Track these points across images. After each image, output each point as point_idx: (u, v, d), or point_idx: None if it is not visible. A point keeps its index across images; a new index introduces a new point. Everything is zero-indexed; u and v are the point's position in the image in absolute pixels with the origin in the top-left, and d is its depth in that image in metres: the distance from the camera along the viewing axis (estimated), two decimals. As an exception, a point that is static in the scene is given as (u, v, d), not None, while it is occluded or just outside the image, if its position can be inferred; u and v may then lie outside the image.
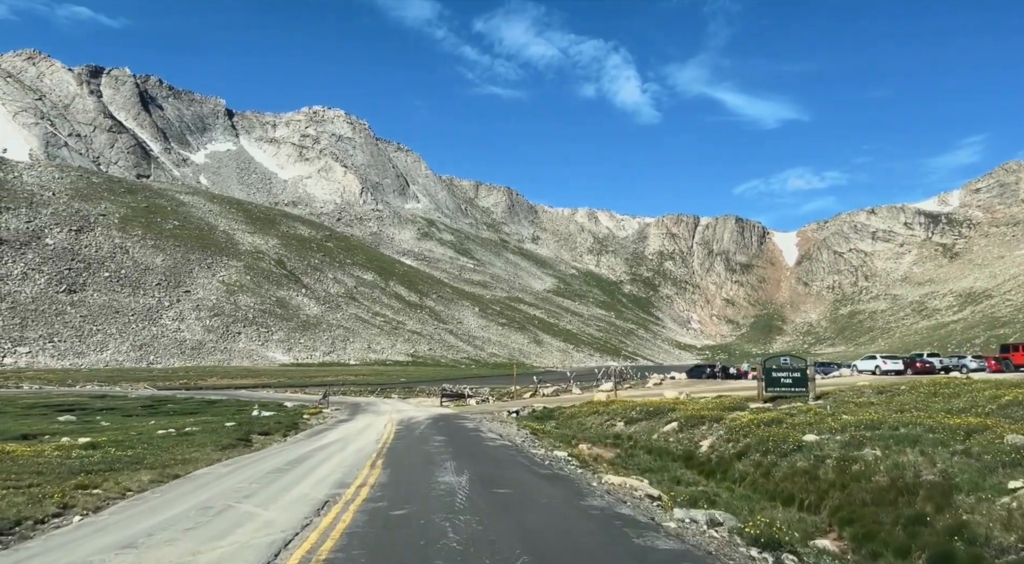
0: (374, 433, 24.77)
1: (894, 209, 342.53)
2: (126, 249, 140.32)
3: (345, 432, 26.11)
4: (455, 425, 28.77)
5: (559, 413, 31.93)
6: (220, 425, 26.37)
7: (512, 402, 44.95)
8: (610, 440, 22.46)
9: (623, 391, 41.47)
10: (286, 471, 15.22)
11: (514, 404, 40.82)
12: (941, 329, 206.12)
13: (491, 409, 39.24)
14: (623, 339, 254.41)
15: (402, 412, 38.37)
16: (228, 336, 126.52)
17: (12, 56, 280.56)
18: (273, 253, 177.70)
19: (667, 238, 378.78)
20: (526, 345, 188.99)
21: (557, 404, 35.99)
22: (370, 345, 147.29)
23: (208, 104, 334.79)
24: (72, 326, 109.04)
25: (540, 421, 29.87)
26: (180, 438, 21.12)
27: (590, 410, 29.89)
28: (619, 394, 36.29)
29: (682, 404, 25.72)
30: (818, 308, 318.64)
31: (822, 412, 19.11)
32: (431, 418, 32.85)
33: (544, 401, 41.18)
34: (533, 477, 14.37)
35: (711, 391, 33.78)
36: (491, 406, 43.16)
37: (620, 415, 26.72)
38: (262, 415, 32.08)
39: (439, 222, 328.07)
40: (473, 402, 47.44)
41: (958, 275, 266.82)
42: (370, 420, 32.52)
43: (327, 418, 34.38)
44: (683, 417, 22.04)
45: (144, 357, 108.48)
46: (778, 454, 15.44)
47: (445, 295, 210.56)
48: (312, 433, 26.22)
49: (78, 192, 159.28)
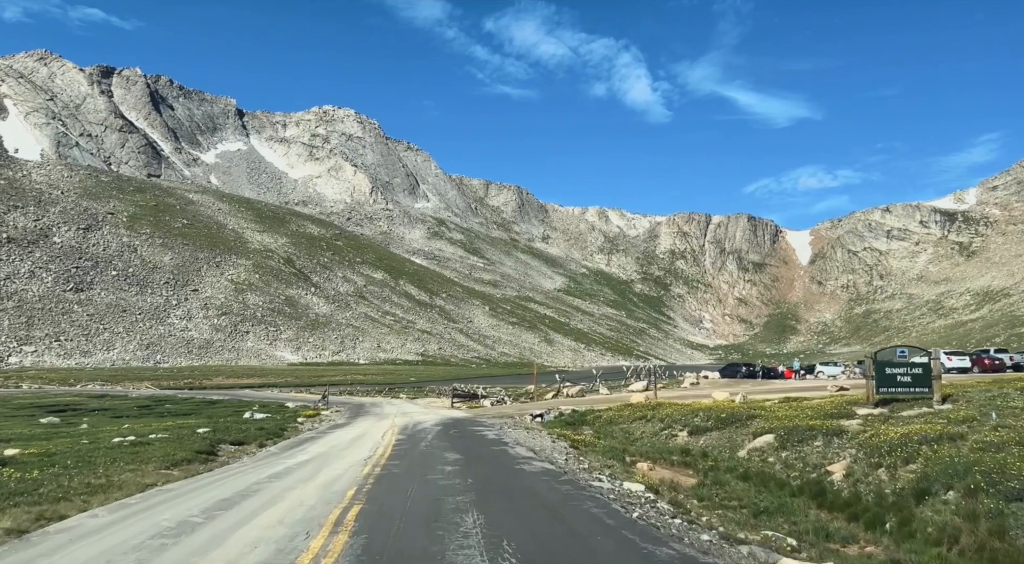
0: (367, 446, 19.90)
1: (909, 207, 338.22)
2: (134, 247, 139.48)
3: (332, 443, 21.46)
4: (471, 434, 24.39)
5: (593, 417, 27.59)
6: (192, 431, 22.88)
7: (532, 404, 40.62)
8: (676, 457, 18.11)
9: (645, 392, 37.75)
10: (198, 527, 9.51)
11: (535, 406, 36.40)
12: (959, 328, 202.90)
13: (509, 412, 35.07)
14: (635, 338, 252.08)
15: (408, 415, 34.53)
16: (236, 335, 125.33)
17: (24, 57, 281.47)
18: (282, 252, 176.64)
19: (678, 237, 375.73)
20: (537, 344, 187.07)
21: (588, 406, 31.63)
22: (380, 344, 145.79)
23: (219, 104, 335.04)
24: (79, 325, 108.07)
25: (573, 427, 25.70)
26: (132, 449, 17.88)
27: (633, 414, 25.83)
28: (658, 395, 32.74)
29: (760, 409, 21.09)
30: (832, 307, 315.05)
31: (994, 422, 13.99)
32: (441, 423, 28.93)
33: (570, 402, 36.74)
34: (634, 556, 8.07)
35: (767, 392, 29.72)
36: (509, 408, 38.97)
37: (678, 422, 22.53)
38: (254, 418, 29.29)
39: (449, 221, 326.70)
40: (487, 403, 43.54)
41: (975, 274, 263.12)
42: (369, 425, 28.67)
43: (323, 421, 30.96)
44: (777, 428, 17.34)
45: (151, 356, 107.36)
46: (1003, 496, 9.52)
47: (455, 294, 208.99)
48: (294, 443, 22.01)
49: (87, 191, 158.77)
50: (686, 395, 33.67)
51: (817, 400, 22.38)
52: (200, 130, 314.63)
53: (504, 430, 25.32)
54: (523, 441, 21.16)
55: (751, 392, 29.72)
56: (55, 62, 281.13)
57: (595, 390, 48.53)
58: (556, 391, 47.80)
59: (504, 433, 24.18)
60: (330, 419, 32.55)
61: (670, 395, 33.36)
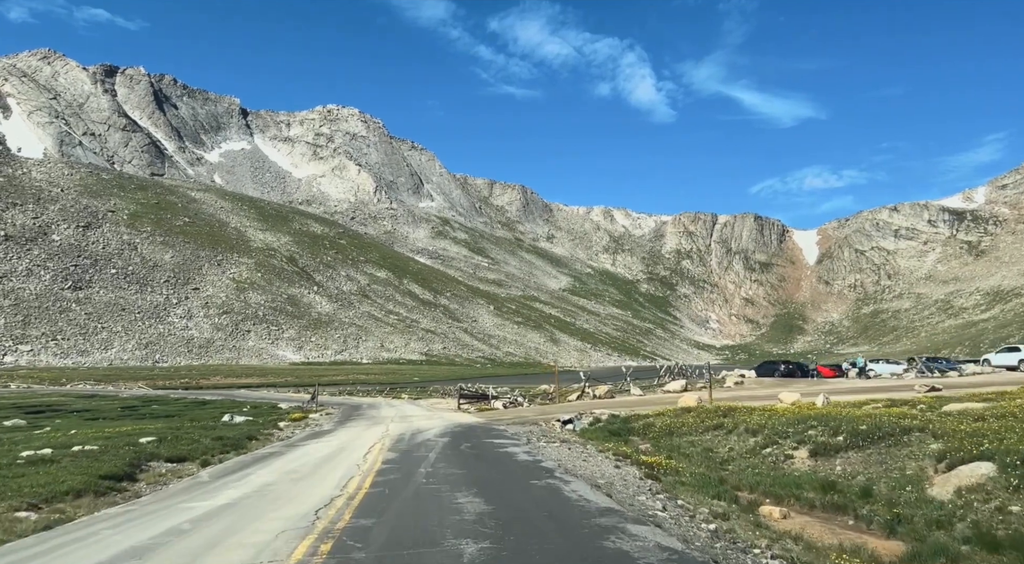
0: (335, 475, 13.96)
1: (917, 206, 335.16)
2: (134, 246, 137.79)
3: (292, 466, 15.82)
4: (491, 451, 17.83)
5: (643, 425, 21.67)
6: (133, 442, 18.56)
7: (554, 406, 35.22)
8: (813, 494, 12.44)
9: (697, 392, 31.97)
10: None
11: (558, 409, 31.13)
12: (971, 328, 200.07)
13: (528, 415, 29.31)
14: (641, 338, 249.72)
15: (407, 420, 29.04)
16: (237, 334, 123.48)
17: (27, 55, 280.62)
18: (285, 250, 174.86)
19: (684, 236, 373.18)
20: (543, 344, 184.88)
21: (626, 410, 25.89)
22: (383, 344, 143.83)
23: (222, 103, 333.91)
24: (76, 324, 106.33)
25: (619, 438, 20.03)
26: (20, 470, 14.09)
27: (699, 422, 20.24)
28: (704, 397, 27.06)
29: (905, 418, 15.58)
30: (840, 307, 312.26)
31: None
32: (448, 432, 23.07)
33: (601, 405, 30.66)
34: None
35: (836, 393, 25.16)
36: (526, 411, 33.29)
37: (783, 435, 16.75)
38: (233, 421, 26.23)
39: (453, 221, 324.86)
40: (499, 405, 37.49)
41: (984, 273, 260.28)
42: (356, 435, 23.07)
43: (306, 426, 26.78)
44: (992, 451, 11.45)
45: (150, 356, 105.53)
46: None
47: (459, 293, 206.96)
48: (243, 464, 16.72)
49: (87, 188, 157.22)
50: (739, 396, 28.95)
51: (960, 405, 17.05)
52: (204, 129, 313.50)
53: (535, 444, 19.25)
54: (571, 465, 14.95)
55: (810, 394, 24.26)
56: (58, 61, 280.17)
57: (626, 391, 42.29)
58: (580, 391, 41.16)
59: (537, 449, 17.93)
60: (316, 423, 28.39)
61: (720, 397, 27.92)
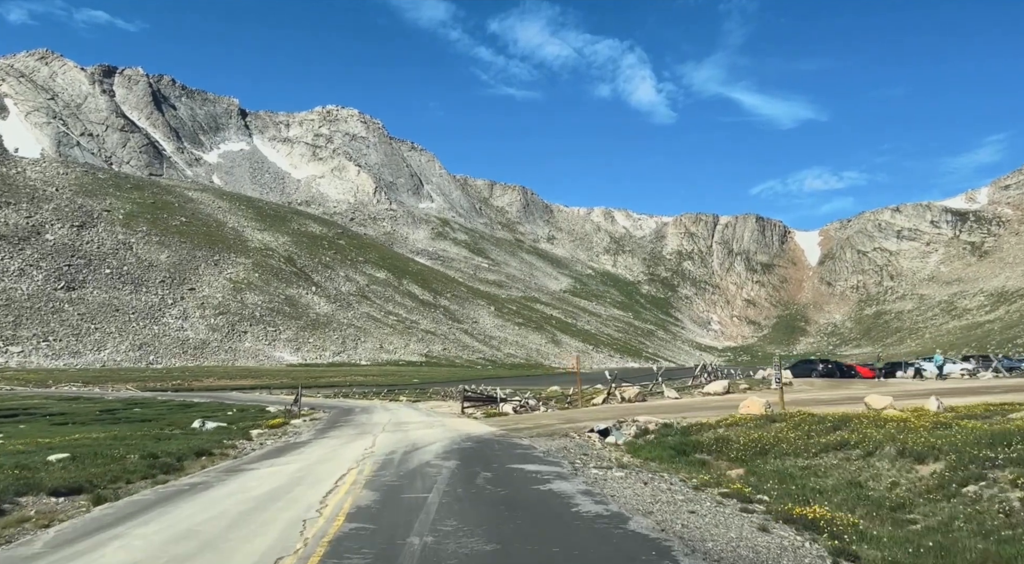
0: (261, 543, 8.57)
1: (920, 207, 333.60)
2: (129, 245, 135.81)
3: (209, 513, 10.50)
4: (523, 484, 12.36)
5: (708, 437, 16.18)
6: (36, 461, 14.69)
7: (577, 410, 30.51)
8: None
9: (757, 394, 27.99)
10: None
11: (587, 415, 26.07)
12: (977, 329, 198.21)
13: (550, 423, 24.24)
14: (643, 340, 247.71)
15: (402, 428, 24.44)
16: (233, 335, 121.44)
17: (25, 56, 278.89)
18: (283, 250, 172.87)
19: (685, 237, 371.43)
20: (544, 345, 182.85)
21: (675, 417, 20.33)
22: (382, 345, 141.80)
23: (221, 103, 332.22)
24: (69, 325, 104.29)
25: (684, 457, 14.94)
26: None
27: (794, 435, 14.76)
28: (772, 400, 22.01)
29: None
30: (842, 308, 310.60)
31: None
32: (454, 449, 17.54)
33: (639, 410, 25.52)
34: None
35: (917, 397, 21.11)
36: (545, 417, 28.19)
37: (973, 460, 10.82)
38: (204, 428, 23.09)
39: (453, 222, 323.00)
40: (509, 409, 32.65)
41: (988, 274, 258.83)
42: (331, 452, 17.86)
43: (280, 436, 22.93)
44: None
45: (144, 357, 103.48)
46: None
47: (460, 294, 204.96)
48: (151, 503, 11.65)
49: (83, 188, 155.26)
50: (800, 400, 24.67)
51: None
52: (203, 130, 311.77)
53: (586, 471, 13.50)
54: (674, 523, 9.25)
55: (901, 397, 20.32)
56: (56, 61, 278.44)
57: (658, 393, 37.39)
58: (607, 394, 36.13)
59: (596, 483, 12.22)
60: (294, 431, 24.33)
61: (772, 400, 22.31)
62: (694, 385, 39.73)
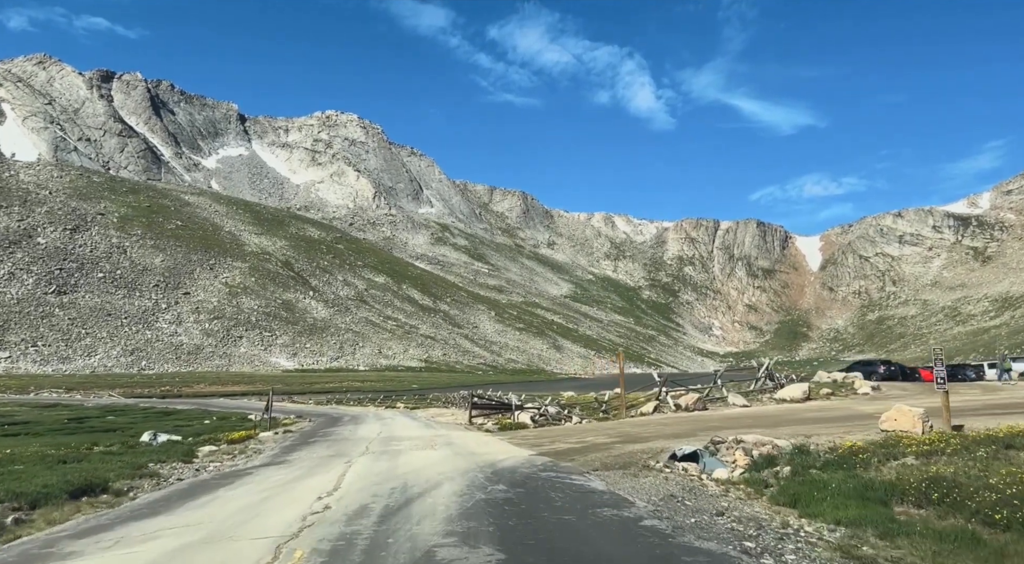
0: None
1: (922, 212, 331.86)
2: (123, 249, 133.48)
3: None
4: None
5: (888, 473, 9.70)
6: None
7: (618, 421, 24.22)
8: None
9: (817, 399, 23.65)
10: None
11: (638, 428, 20.04)
12: (983, 335, 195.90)
13: (597, 438, 17.80)
14: (645, 345, 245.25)
15: (392, 448, 18.00)
16: (229, 340, 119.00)
17: (22, 61, 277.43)
18: (280, 254, 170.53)
19: (686, 243, 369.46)
20: (545, 351, 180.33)
21: (786, 435, 14.52)
22: (381, 350, 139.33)
23: (220, 109, 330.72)
24: (59, 329, 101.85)
25: (871, 507, 8.23)
26: None
27: None
28: (931, 404, 17.66)
29: None
30: (844, 314, 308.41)
31: None
32: (476, 501, 9.73)
33: (713, 423, 19.62)
34: None
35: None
36: (586, 431, 20.86)
37: None
38: (155, 441, 18.77)
39: (453, 227, 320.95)
40: (527, 418, 25.88)
41: (992, 279, 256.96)
42: (272, 491, 11.64)
43: (236, 456, 17.39)
44: None
45: (136, 362, 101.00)
46: None
47: (460, 299, 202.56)
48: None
49: (77, 191, 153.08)
50: (877, 409, 18.13)
51: None
52: (201, 135, 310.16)
53: None
54: None
55: None
56: (54, 66, 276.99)
57: (719, 399, 29.62)
58: (656, 400, 28.39)
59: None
60: (254, 449, 18.74)
61: (866, 409, 18.70)
62: (758, 389, 31.24)
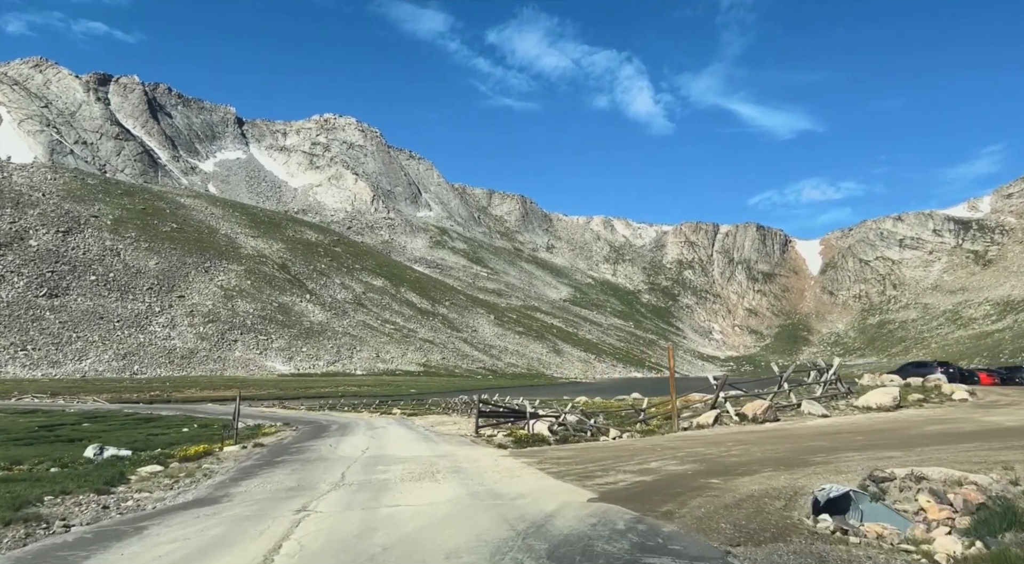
0: None
1: (922, 216, 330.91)
2: (117, 251, 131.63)
3: None
4: None
5: None
6: None
7: (672, 435, 18.71)
8: None
9: (911, 408, 19.88)
10: None
11: (712, 446, 14.19)
12: (986, 338, 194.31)
13: (674, 465, 11.48)
14: (645, 349, 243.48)
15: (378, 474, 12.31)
16: (223, 344, 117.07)
17: (19, 63, 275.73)
18: (277, 257, 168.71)
19: (686, 246, 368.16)
20: (545, 355, 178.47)
21: (995, 473, 8.27)
22: (379, 354, 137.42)
23: (218, 112, 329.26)
24: (49, 333, 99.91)
25: None
26: None
27: None
28: None
29: None
30: (845, 318, 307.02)
31: None
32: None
33: (790, 436, 15.60)
34: None
35: None
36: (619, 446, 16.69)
37: None
38: (102, 455, 15.50)
39: (452, 230, 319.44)
40: (543, 429, 21.37)
41: (993, 283, 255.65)
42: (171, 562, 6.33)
43: (174, 480, 12.54)
44: None
45: (128, 367, 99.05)
46: None
47: (459, 302, 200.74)
48: None
49: (70, 193, 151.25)
50: None
51: None
52: (199, 138, 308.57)
53: None
54: None
55: None
56: (50, 69, 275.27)
57: (790, 406, 22.43)
58: (715, 408, 22.27)
59: None
60: (204, 472, 13.70)
61: (995, 420, 15.47)
62: (828, 394, 23.86)
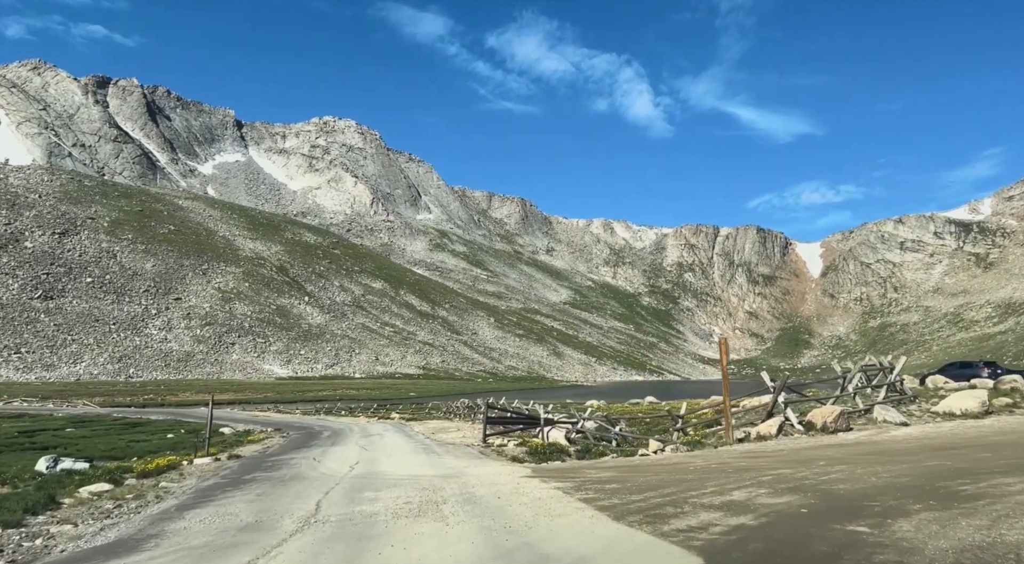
0: None
1: (922, 218, 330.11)
2: (113, 253, 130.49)
3: None
4: None
5: None
6: None
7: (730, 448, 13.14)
8: None
9: (1003, 414, 14.26)
10: None
11: (813, 475, 7.69)
12: (988, 340, 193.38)
13: (761, 500, 6.48)
14: (646, 352, 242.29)
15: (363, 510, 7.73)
16: (220, 347, 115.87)
17: (17, 66, 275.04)
18: (275, 259, 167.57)
19: (686, 249, 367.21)
20: (546, 358, 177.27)
21: None
22: (378, 357, 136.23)
23: (217, 115, 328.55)
24: (44, 336, 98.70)
25: None
26: None
27: None
28: None
29: None
30: (846, 321, 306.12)
31: None
32: None
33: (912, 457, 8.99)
34: None
35: None
36: (682, 470, 9.69)
37: None
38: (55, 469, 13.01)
39: (451, 233, 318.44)
40: (560, 437, 18.96)
41: (994, 285, 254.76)
42: None
43: (116, 504, 9.11)
44: None
45: (123, 369, 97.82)
46: None
47: (458, 305, 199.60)
48: None
49: (67, 195, 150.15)
50: None
51: None
52: (198, 141, 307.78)
53: None
54: None
55: None
56: (49, 72, 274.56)
57: (859, 412, 15.92)
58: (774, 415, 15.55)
59: None
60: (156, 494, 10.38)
61: None
62: (895, 398, 16.76)
